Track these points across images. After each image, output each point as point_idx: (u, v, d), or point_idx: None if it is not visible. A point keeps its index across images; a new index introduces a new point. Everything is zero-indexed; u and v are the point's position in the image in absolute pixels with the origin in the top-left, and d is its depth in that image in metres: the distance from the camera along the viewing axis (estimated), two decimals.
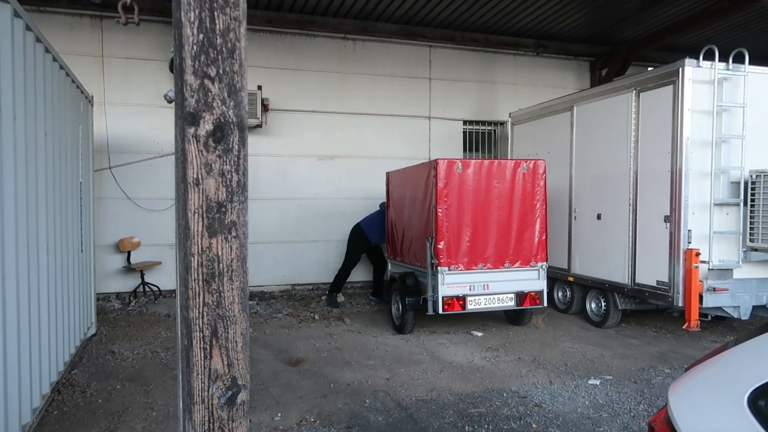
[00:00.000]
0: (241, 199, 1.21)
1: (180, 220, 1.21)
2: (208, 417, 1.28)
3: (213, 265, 1.21)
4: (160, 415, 4.69)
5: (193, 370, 1.25)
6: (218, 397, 1.28)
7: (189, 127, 1.13)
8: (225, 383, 1.28)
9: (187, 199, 1.16)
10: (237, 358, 1.28)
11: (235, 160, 1.18)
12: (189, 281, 1.20)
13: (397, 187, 8.43)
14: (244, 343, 1.29)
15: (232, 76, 1.14)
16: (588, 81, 11.84)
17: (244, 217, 1.22)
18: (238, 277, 1.24)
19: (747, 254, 6.31)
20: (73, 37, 8.92)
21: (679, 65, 6.17)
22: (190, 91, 1.11)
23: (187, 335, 1.25)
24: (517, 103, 10.87)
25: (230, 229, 1.21)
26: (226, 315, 1.25)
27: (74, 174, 5.76)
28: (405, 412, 4.84)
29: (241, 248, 1.23)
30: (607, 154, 7.45)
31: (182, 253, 1.23)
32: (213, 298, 1.22)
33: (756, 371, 1.41)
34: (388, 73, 10.60)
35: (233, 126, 1.16)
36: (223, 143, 1.16)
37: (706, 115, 6.16)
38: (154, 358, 6.24)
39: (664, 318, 8.11)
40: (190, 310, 1.21)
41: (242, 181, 1.20)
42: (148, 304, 8.86)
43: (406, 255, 7.88)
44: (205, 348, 1.24)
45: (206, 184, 1.16)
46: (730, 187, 6.32)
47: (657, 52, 11.42)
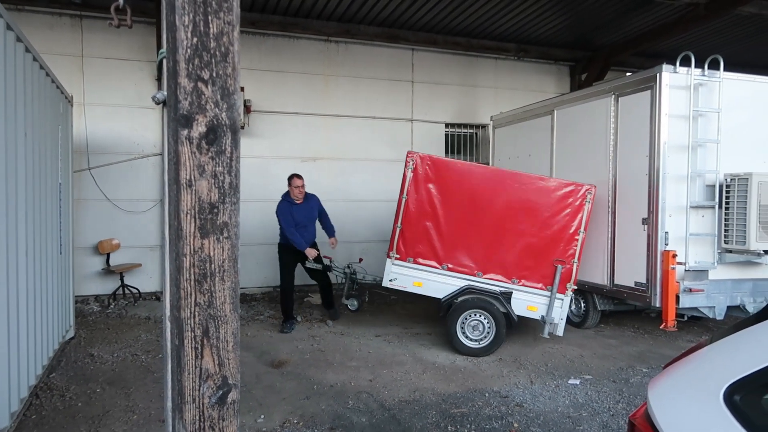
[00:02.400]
0: (233, 200, 1.22)
1: (172, 221, 1.23)
2: (198, 416, 1.29)
3: (205, 265, 1.22)
4: (141, 418, 4.66)
5: (185, 370, 1.26)
6: (209, 397, 1.29)
7: (182, 129, 1.14)
8: (216, 382, 1.29)
9: (180, 200, 1.17)
10: (228, 358, 1.30)
11: (227, 161, 1.20)
12: (181, 281, 1.21)
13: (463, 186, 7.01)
14: (235, 343, 1.31)
15: (225, 79, 1.16)
16: (568, 85, 12.00)
17: (236, 218, 1.24)
18: (229, 277, 1.25)
19: (722, 256, 6.46)
20: (53, 37, 8.80)
21: (656, 71, 6.30)
22: (184, 94, 1.13)
23: (178, 335, 1.27)
24: (498, 106, 10.99)
25: (222, 229, 1.22)
26: (218, 315, 1.26)
27: (53, 175, 5.69)
28: (388, 412, 4.86)
29: (233, 249, 1.25)
30: (586, 157, 7.56)
31: (174, 254, 1.24)
32: (205, 298, 1.24)
33: (731, 367, 1.46)
34: (371, 76, 10.63)
35: (226, 128, 1.18)
36: (216, 145, 1.18)
37: (682, 119, 6.29)
38: (135, 361, 6.17)
39: (641, 318, 8.25)
40: (181, 310, 1.23)
41: (234, 183, 1.22)
42: (128, 307, 8.76)
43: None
44: (196, 348, 1.26)
45: (199, 186, 1.18)
46: (706, 190, 6.47)
47: (635, 58, 11.62)
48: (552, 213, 6.70)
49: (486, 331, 6.56)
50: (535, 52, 11.40)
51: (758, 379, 1.36)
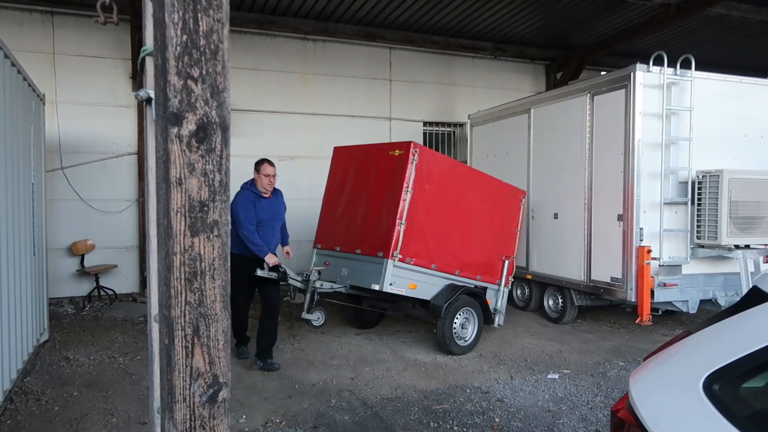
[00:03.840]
0: (223, 198, 1.22)
1: (161, 220, 1.22)
2: (189, 415, 1.29)
3: (195, 263, 1.22)
4: (121, 420, 4.59)
5: (175, 369, 1.26)
6: (200, 395, 1.29)
7: (172, 127, 1.14)
8: (206, 381, 1.29)
9: (170, 199, 1.17)
10: (218, 356, 1.30)
11: (217, 159, 1.20)
12: (171, 280, 1.20)
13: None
14: (226, 341, 1.31)
15: (215, 77, 1.16)
16: (543, 84, 12.15)
17: (226, 216, 1.24)
18: (220, 275, 1.25)
19: (694, 251, 6.61)
20: (23, 34, 8.60)
21: (630, 70, 6.42)
22: (174, 92, 1.12)
23: (168, 334, 1.26)
24: (475, 104, 11.07)
25: (212, 228, 1.22)
26: (208, 313, 1.26)
27: (26, 175, 5.57)
28: (371, 410, 4.88)
29: (223, 247, 1.24)
30: (563, 155, 7.67)
31: (163, 253, 1.24)
32: (195, 296, 1.23)
33: (710, 358, 1.51)
34: (349, 75, 10.62)
35: (216, 126, 1.18)
36: (206, 143, 1.17)
37: (656, 117, 6.42)
38: (112, 363, 6.08)
39: (617, 313, 8.40)
40: (172, 309, 1.22)
41: (224, 181, 1.22)
42: (104, 309, 8.62)
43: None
44: (186, 346, 1.25)
45: (189, 184, 1.18)
46: (679, 186, 6.61)
47: (609, 57, 11.82)
48: (503, 211, 7.12)
49: (473, 329, 6.63)
50: (512, 51, 11.51)
51: (736, 368, 1.40)
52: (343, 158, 7.15)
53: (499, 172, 9.12)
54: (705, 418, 1.41)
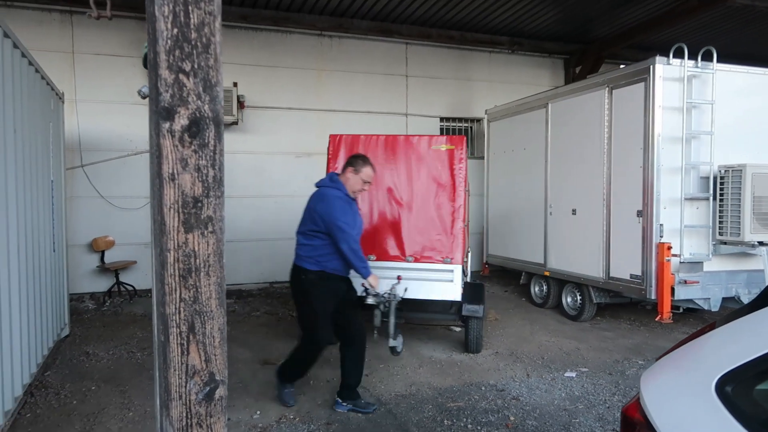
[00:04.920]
0: (217, 194, 1.20)
1: (155, 216, 1.21)
2: (185, 413, 1.27)
3: (189, 260, 1.20)
4: (137, 415, 4.64)
5: (170, 366, 1.25)
6: (196, 393, 1.28)
7: (164, 122, 1.12)
8: (203, 379, 1.28)
9: (163, 194, 1.15)
10: (215, 354, 1.28)
11: (211, 155, 1.18)
12: (165, 277, 1.19)
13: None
14: (222, 339, 1.29)
15: (207, 71, 1.14)
16: (562, 78, 11.99)
17: (221, 212, 1.22)
18: (215, 272, 1.24)
19: (716, 247, 6.47)
20: (42, 33, 8.72)
21: (650, 63, 6.29)
22: (165, 86, 1.11)
23: (163, 331, 1.25)
24: (492, 100, 10.96)
25: (207, 224, 1.20)
26: (203, 310, 1.24)
27: (45, 172, 5.65)
28: (384, 407, 4.86)
29: (218, 243, 1.23)
30: (581, 150, 7.56)
31: (158, 249, 1.23)
32: (190, 293, 1.22)
33: (723, 358, 1.46)
34: (365, 71, 10.59)
35: (209, 121, 1.16)
36: (198, 138, 1.16)
37: (676, 111, 6.28)
38: (130, 358, 6.15)
39: (637, 311, 8.27)
40: (166, 306, 1.21)
41: (218, 176, 1.20)
42: (123, 304, 8.73)
43: None
44: (182, 344, 1.24)
45: (182, 179, 1.16)
46: (700, 182, 6.47)
47: (628, 50, 11.61)
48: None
49: None
50: (529, 46, 11.38)
51: (749, 369, 1.35)
52: (350, 149, 6.11)
53: (516, 168, 9.05)
54: (717, 421, 1.36)
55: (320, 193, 4.65)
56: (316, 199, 4.62)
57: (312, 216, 4.56)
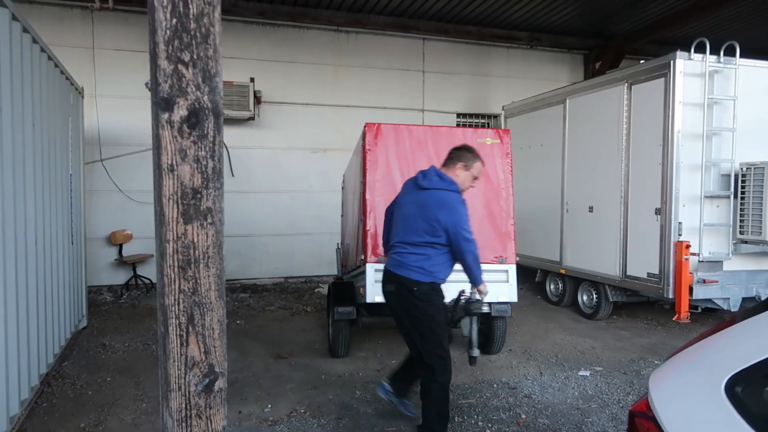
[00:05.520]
0: (216, 185, 1.20)
1: (155, 207, 1.21)
2: (185, 404, 1.28)
3: (188, 251, 1.20)
4: (150, 406, 4.69)
5: (170, 357, 1.25)
6: (195, 384, 1.28)
7: (163, 113, 1.12)
8: (202, 370, 1.28)
9: (162, 185, 1.15)
10: (214, 346, 1.28)
11: (210, 146, 1.17)
12: (165, 268, 1.19)
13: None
14: (221, 331, 1.29)
15: (206, 61, 1.13)
16: (581, 74, 11.84)
17: (220, 203, 1.22)
18: (214, 264, 1.23)
19: (737, 246, 6.34)
20: (63, 29, 8.84)
21: (670, 58, 6.18)
22: (164, 76, 1.10)
23: (163, 322, 1.25)
24: (510, 96, 10.86)
25: (206, 215, 1.20)
26: (203, 302, 1.24)
27: (64, 166, 5.72)
28: None
29: (217, 235, 1.22)
30: (599, 146, 7.46)
31: (157, 240, 1.23)
32: (189, 285, 1.22)
33: (733, 359, 1.42)
34: (382, 66, 10.57)
35: (208, 112, 1.16)
36: (198, 129, 1.15)
37: (697, 107, 6.16)
38: (146, 350, 6.23)
39: (654, 310, 8.15)
40: (166, 297, 1.21)
41: (218, 168, 1.20)
42: (141, 297, 8.84)
43: None
44: (181, 335, 1.24)
45: (181, 170, 1.16)
46: (721, 179, 6.34)
47: (650, 46, 11.42)
48: None
49: None
50: (548, 41, 11.25)
51: (760, 370, 1.32)
52: (391, 140, 5.54)
53: (532, 165, 8.96)
54: (725, 422, 1.33)
55: (438, 198, 3.89)
56: (435, 205, 3.84)
57: (430, 225, 3.81)
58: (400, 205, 4.12)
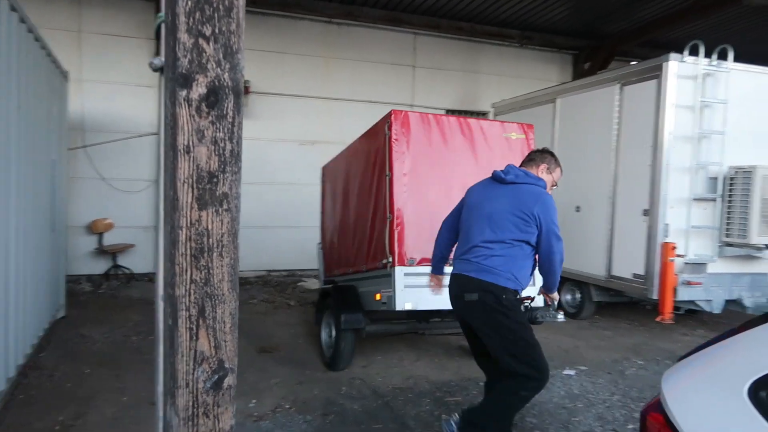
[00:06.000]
0: (234, 169, 1.13)
1: (167, 191, 1.13)
2: (192, 401, 1.21)
3: (202, 239, 1.13)
4: (132, 400, 4.57)
5: (178, 352, 1.17)
6: (204, 381, 1.21)
7: (181, 90, 1.05)
8: (211, 366, 1.21)
9: (177, 168, 1.08)
10: (225, 340, 1.21)
11: (229, 127, 1.10)
12: (176, 256, 1.12)
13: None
14: (233, 324, 1.22)
15: (228, 36, 1.06)
16: (570, 74, 11.89)
17: (237, 189, 1.15)
18: (228, 253, 1.16)
19: (722, 249, 6.39)
20: (50, 11, 8.60)
21: (663, 60, 6.19)
22: (183, 51, 1.03)
23: (172, 314, 1.18)
24: (500, 93, 10.84)
25: (222, 201, 1.13)
26: (215, 293, 1.17)
27: (47, 151, 5.56)
28: (381, 399, 4.80)
29: (233, 222, 1.15)
30: (588, 146, 7.47)
31: (168, 226, 1.15)
32: (201, 275, 1.15)
33: (756, 362, 1.39)
34: (372, 60, 10.48)
35: (228, 90, 1.08)
36: (217, 108, 1.08)
37: (688, 110, 6.19)
38: (126, 342, 6.09)
39: (637, 310, 8.21)
40: (176, 288, 1.14)
41: (236, 151, 1.13)
42: (120, 287, 8.67)
43: None
44: (191, 328, 1.17)
45: (197, 152, 1.09)
46: (708, 182, 6.38)
47: (640, 48, 11.50)
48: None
49: None
50: (539, 40, 11.26)
51: None
52: (414, 129, 5.00)
53: None
54: (750, 426, 1.30)
55: (530, 191, 3.60)
56: (528, 198, 3.55)
57: (523, 219, 3.51)
58: (476, 205, 3.70)
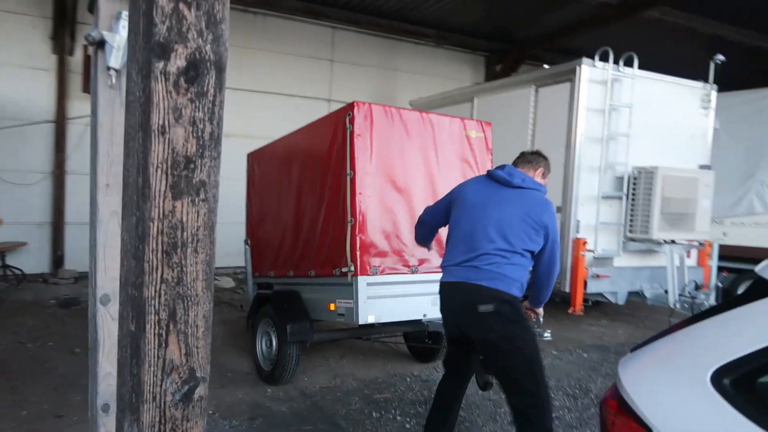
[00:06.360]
0: (213, 154, 1.00)
1: (134, 178, 0.99)
2: (159, 417, 1.06)
3: (176, 233, 1.00)
4: (33, 414, 4.16)
5: (144, 362, 1.03)
6: (172, 393, 1.07)
7: (157, 61, 0.91)
8: (181, 376, 1.07)
9: (150, 151, 0.94)
10: (197, 346, 1.08)
11: (209, 106, 0.98)
12: (146, 252, 0.98)
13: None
14: (206, 328, 1.09)
15: (212, 3, 0.94)
16: (483, 75, 12.25)
17: (216, 176, 1.02)
18: (204, 248, 1.04)
19: (626, 244, 6.83)
20: None
21: (576, 64, 6.50)
22: (162, 16, 0.89)
23: (136, 319, 1.03)
24: (416, 91, 10.97)
25: (198, 190, 1.00)
26: (188, 294, 1.04)
27: None
28: (309, 400, 4.69)
29: (210, 214, 1.03)
30: (505, 145, 7.66)
31: (134, 219, 1.00)
32: (173, 273, 1.01)
33: (718, 349, 1.45)
34: (290, 52, 10.25)
35: (210, 65, 0.96)
36: (197, 85, 0.95)
37: (597, 113, 6.54)
38: (19, 349, 5.55)
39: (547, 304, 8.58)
40: (144, 288, 0.99)
41: (216, 133, 1.00)
42: (10, 290, 7.90)
43: None
44: (160, 334, 1.03)
45: (174, 134, 0.95)
46: (615, 181, 6.79)
47: (548, 53, 12.03)
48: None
49: None
50: (454, 40, 11.50)
51: (750, 362, 1.34)
52: (378, 123, 4.60)
53: None
54: (716, 412, 1.35)
55: (539, 200, 3.33)
56: (539, 207, 3.29)
57: (534, 229, 3.23)
58: (479, 206, 3.33)
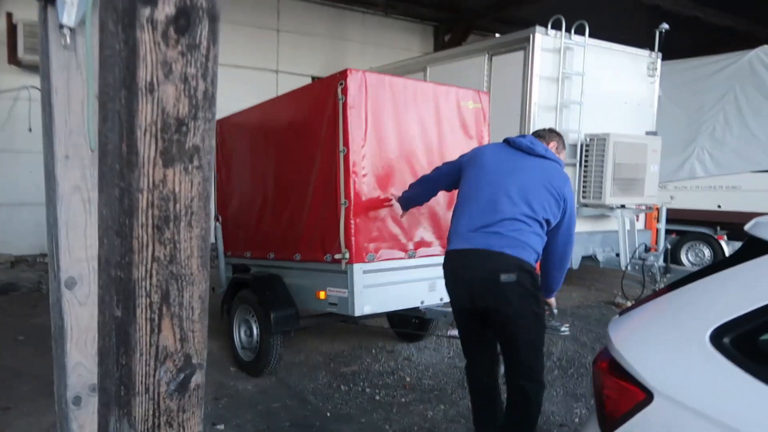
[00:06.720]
0: (207, 116, 0.89)
1: (116, 144, 0.86)
2: (153, 410, 0.96)
3: (167, 205, 0.88)
4: None
5: (136, 351, 0.92)
6: (167, 383, 0.97)
7: (143, 7, 0.78)
8: (176, 364, 0.97)
9: (136, 112, 0.82)
10: (192, 330, 0.98)
11: (202, 61, 0.86)
12: (135, 228, 0.86)
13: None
14: (203, 310, 0.99)
15: None
16: (432, 45, 12.15)
17: (210, 141, 0.91)
18: (198, 222, 0.93)
19: (580, 209, 6.97)
20: None
21: (530, 32, 6.50)
22: None
23: (123, 303, 0.92)
24: (366, 61, 10.76)
25: (192, 156, 0.89)
26: (182, 273, 0.93)
27: None
28: (275, 376, 4.62)
29: (204, 183, 0.92)
30: None
31: (115, 190, 0.88)
32: (166, 250, 0.90)
33: (717, 308, 1.46)
34: (232, 20, 9.80)
35: (202, 13, 0.84)
36: (188, 36, 0.83)
37: (551, 81, 6.60)
38: None
39: None
40: (133, 269, 0.88)
41: (210, 92, 0.88)
42: None
43: None
44: (152, 319, 0.92)
45: (163, 92, 0.83)
46: (569, 148, 6.88)
47: (495, 23, 12.03)
48: None
49: None
50: (403, 9, 11.34)
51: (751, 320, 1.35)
52: (372, 93, 4.11)
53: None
54: (718, 371, 1.35)
55: (560, 172, 3.14)
56: (560, 178, 3.07)
57: (555, 200, 3.01)
58: (500, 171, 3.09)
